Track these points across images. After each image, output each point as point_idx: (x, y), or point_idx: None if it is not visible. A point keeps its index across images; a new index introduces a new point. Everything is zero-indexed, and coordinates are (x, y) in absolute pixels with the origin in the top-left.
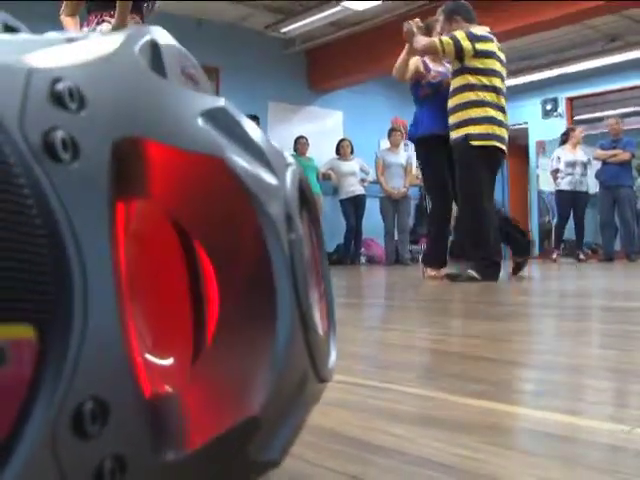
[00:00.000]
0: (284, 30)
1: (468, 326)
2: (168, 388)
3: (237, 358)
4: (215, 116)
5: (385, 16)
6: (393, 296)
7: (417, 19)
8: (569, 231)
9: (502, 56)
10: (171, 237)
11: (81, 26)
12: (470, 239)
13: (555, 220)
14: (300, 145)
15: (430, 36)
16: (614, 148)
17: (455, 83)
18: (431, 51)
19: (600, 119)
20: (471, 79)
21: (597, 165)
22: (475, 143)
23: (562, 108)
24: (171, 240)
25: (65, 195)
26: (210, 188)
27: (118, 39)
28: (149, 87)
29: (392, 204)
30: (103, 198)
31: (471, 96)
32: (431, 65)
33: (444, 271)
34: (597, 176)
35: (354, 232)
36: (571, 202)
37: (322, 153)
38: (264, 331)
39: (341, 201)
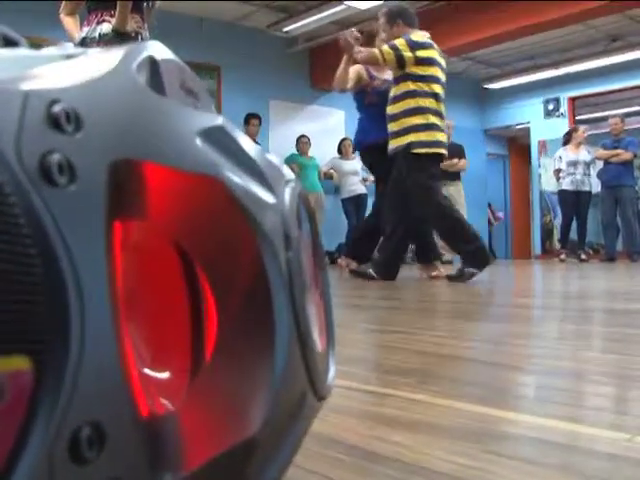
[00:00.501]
0: (286, 29)
1: (468, 328)
2: (166, 404)
3: (235, 378)
4: (213, 135)
5: (366, 28)
6: (392, 296)
7: (353, 29)
8: (572, 231)
9: (443, 62)
10: (170, 255)
11: (81, 26)
12: (449, 239)
13: (559, 220)
14: (302, 144)
15: (373, 44)
16: (616, 148)
17: (396, 90)
18: (372, 61)
19: (602, 119)
20: (412, 86)
21: (600, 165)
22: (419, 151)
23: (564, 108)
24: (170, 258)
25: (61, 220)
26: (208, 208)
27: (116, 56)
28: (147, 106)
29: None
30: (100, 221)
31: (412, 103)
32: (374, 73)
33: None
34: (599, 176)
35: None
36: (574, 202)
37: (324, 152)
38: (262, 351)
39: (343, 200)
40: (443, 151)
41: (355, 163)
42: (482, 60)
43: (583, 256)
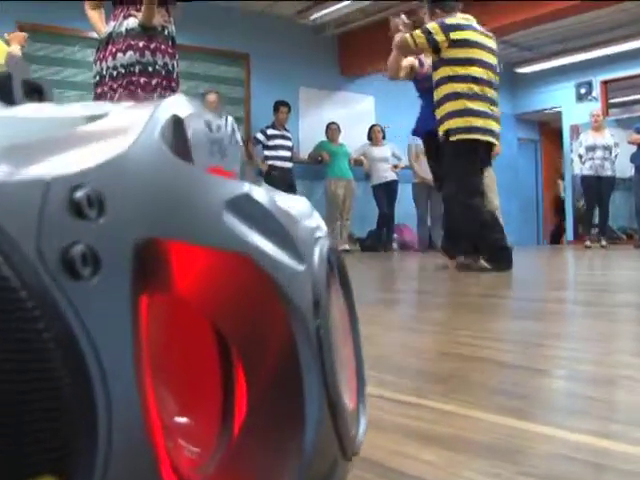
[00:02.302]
0: (314, 16)
1: (498, 327)
2: (195, 477)
3: (264, 452)
4: (239, 205)
5: (415, 1)
6: (423, 289)
7: (404, 15)
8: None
9: (488, 43)
10: (202, 330)
11: (107, 21)
12: (468, 233)
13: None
14: (331, 131)
15: None
16: None
17: (435, 76)
18: (404, 46)
19: (636, 102)
20: (448, 71)
21: (627, 149)
22: (454, 138)
23: (597, 91)
24: (202, 333)
25: (85, 314)
26: (236, 283)
27: (140, 120)
28: (172, 180)
29: (425, 191)
30: (125, 305)
31: (448, 89)
32: (424, 59)
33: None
34: (632, 160)
35: (386, 218)
36: (595, 187)
37: (354, 139)
38: (293, 423)
39: (373, 187)
40: (479, 137)
41: (385, 149)
42: (514, 44)
43: (604, 242)
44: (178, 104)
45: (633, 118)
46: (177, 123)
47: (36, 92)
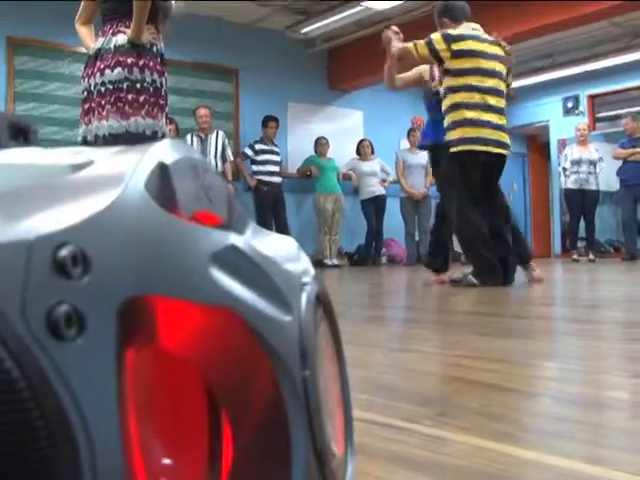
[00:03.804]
0: (304, 30)
1: (487, 346)
2: None
3: None
4: (225, 258)
5: (406, 16)
6: (411, 305)
7: (394, 26)
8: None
9: (495, 51)
10: (189, 380)
11: (97, 36)
12: (461, 245)
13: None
14: (320, 146)
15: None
16: (634, 147)
17: (442, 88)
18: (407, 56)
19: (623, 116)
20: (451, 82)
21: (614, 162)
22: (454, 149)
23: (584, 106)
24: (189, 383)
25: (71, 375)
26: (221, 335)
27: (125, 169)
28: (157, 236)
29: (413, 204)
30: (110, 363)
31: (450, 100)
32: (436, 73)
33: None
34: (618, 173)
35: (375, 232)
36: (579, 201)
37: (342, 153)
38: (280, 471)
39: (362, 201)
40: (477, 147)
41: (374, 164)
42: None
43: (591, 256)
44: (164, 150)
45: (619, 132)
46: (163, 171)
47: (22, 133)
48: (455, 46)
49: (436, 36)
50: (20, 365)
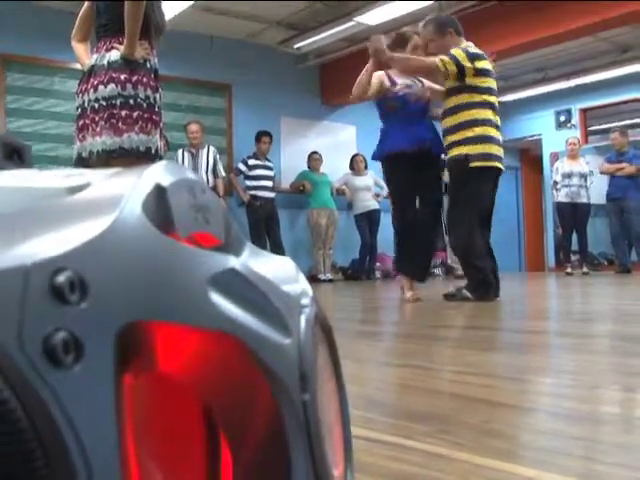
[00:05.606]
0: (297, 46)
1: (483, 362)
2: None
3: None
4: (224, 281)
5: (398, 31)
6: (404, 320)
7: (383, 36)
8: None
9: (494, 73)
10: (188, 404)
11: (91, 52)
12: (462, 258)
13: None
14: (313, 161)
15: (404, 49)
16: (620, 161)
17: (451, 102)
18: (427, 71)
19: (615, 130)
20: (468, 98)
21: (604, 176)
22: (475, 164)
23: (576, 119)
24: (188, 407)
25: (69, 404)
26: (220, 359)
27: (121, 193)
28: (155, 260)
29: None
30: (109, 389)
31: (470, 115)
32: (396, 78)
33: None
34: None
35: (369, 247)
36: (571, 214)
37: (336, 168)
38: None
39: (355, 216)
40: (498, 164)
41: (367, 179)
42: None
43: (585, 269)
44: (161, 172)
45: (611, 145)
46: (160, 193)
47: (16, 153)
48: (477, 64)
49: (458, 53)
50: (17, 394)
